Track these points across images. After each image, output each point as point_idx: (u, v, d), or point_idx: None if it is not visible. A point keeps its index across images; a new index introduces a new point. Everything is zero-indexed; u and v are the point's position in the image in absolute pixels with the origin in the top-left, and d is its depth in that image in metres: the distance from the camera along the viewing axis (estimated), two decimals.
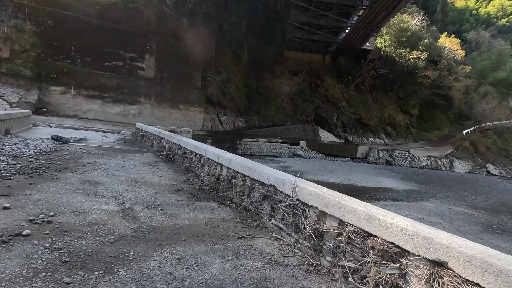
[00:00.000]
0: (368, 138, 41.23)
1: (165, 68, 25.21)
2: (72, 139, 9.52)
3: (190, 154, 7.21)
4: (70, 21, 21.41)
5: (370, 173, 20.77)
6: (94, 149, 8.31)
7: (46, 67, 20.59)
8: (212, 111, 29.07)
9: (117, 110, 22.66)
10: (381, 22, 33.18)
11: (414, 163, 37.46)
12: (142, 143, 12.07)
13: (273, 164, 18.89)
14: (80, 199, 3.93)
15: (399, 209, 10.79)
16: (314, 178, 15.76)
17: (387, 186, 16.83)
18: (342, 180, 16.61)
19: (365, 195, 13.62)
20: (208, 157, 6.18)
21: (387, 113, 43.26)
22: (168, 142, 9.04)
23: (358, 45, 41.21)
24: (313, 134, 36.13)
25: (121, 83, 22.88)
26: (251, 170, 4.59)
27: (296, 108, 37.88)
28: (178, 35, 25.79)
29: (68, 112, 21.19)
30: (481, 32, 68.52)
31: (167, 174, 6.41)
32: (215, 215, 4.16)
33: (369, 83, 42.96)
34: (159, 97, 24.63)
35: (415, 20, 44.30)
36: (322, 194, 3.23)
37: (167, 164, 7.83)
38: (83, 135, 11.25)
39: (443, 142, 45.56)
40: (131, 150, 9.31)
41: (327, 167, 21.01)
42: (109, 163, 6.58)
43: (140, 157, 8.26)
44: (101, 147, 9.08)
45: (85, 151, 7.81)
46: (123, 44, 23.12)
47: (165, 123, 24.45)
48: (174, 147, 8.53)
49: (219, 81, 29.96)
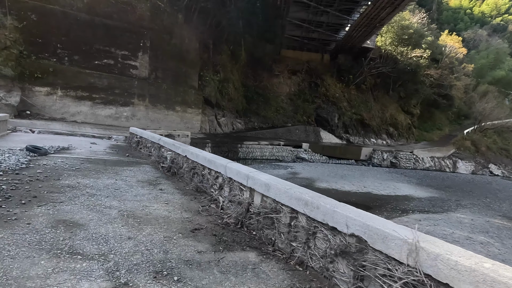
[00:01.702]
0: (370, 139, 40.00)
1: (160, 67, 23.54)
2: (52, 149, 7.88)
3: (202, 170, 5.65)
4: (56, 16, 19.63)
5: (382, 178, 19.41)
6: (79, 163, 6.69)
7: (30, 66, 18.79)
8: (210, 113, 27.47)
9: (108, 113, 20.93)
10: (385, 19, 31.91)
11: (418, 164, 36.36)
12: (138, 151, 10.45)
13: (280, 170, 17.43)
14: (44, 268, 2.35)
15: (436, 226, 9.40)
16: (328, 186, 14.34)
17: (406, 193, 15.46)
18: (358, 188, 15.18)
19: (387, 206, 12.20)
20: (230, 177, 4.63)
21: (389, 113, 42.10)
22: (171, 152, 7.46)
23: (359, 43, 39.93)
24: (315, 136, 34.73)
25: (112, 83, 21.16)
26: (310, 204, 3.07)
27: (297, 108, 36.44)
28: (174, 32, 24.17)
29: (54, 115, 19.41)
30: (479, 31, 67.92)
31: (175, 199, 4.85)
32: (262, 280, 2.62)
33: (370, 83, 41.76)
34: (153, 98, 22.95)
35: (416, 17, 43.19)
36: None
37: (170, 181, 6.26)
38: (68, 143, 9.60)
39: (445, 142, 44.64)
40: (125, 162, 7.70)
41: (337, 172, 19.59)
42: (96, 185, 4.98)
43: (136, 171, 6.67)
44: (88, 158, 7.46)
45: (67, 165, 6.19)
46: (114, 41, 21.40)
47: (160, 126, 22.82)
48: (178, 159, 6.96)
49: (217, 80, 28.37)
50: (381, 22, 32.96)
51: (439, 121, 53.34)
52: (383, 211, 11.37)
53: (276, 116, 34.71)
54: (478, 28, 74.64)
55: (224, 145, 21.80)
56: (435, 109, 51.03)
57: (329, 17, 35.66)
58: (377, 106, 41.79)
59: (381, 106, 42.14)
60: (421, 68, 40.25)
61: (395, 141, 42.45)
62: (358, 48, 41.25)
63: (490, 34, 73.36)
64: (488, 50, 61.86)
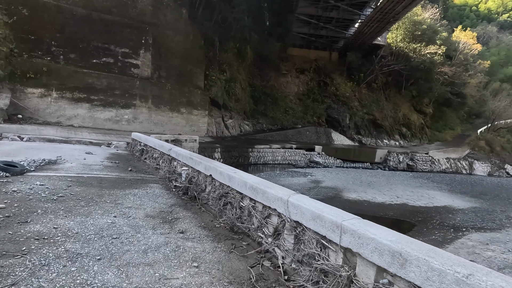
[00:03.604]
0: (383, 140, 38.20)
1: (163, 65, 21.81)
2: (34, 164, 6.13)
3: (240, 200, 3.88)
4: (50, 10, 17.94)
5: (410, 184, 17.63)
6: (65, 186, 4.94)
7: (21, 65, 17.06)
8: (217, 114, 25.70)
9: (108, 116, 19.21)
10: (400, 13, 30.10)
11: (434, 166, 34.60)
12: (142, 162, 8.70)
13: (300, 178, 15.67)
14: None
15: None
16: (359, 198, 12.57)
17: (444, 203, 13.69)
18: (391, 198, 13.40)
19: (432, 221, 10.45)
20: (297, 221, 2.87)
21: (402, 113, 40.28)
22: (187, 168, 5.70)
23: (370, 40, 38.15)
24: (326, 137, 32.93)
25: (112, 84, 19.43)
26: None
27: (306, 109, 34.65)
28: (177, 28, 22.45)
29: (49, 119, 17.70)
30: (488, 27, 66.04)
31: (206, 253, 3.09)
32: None
33: (381, 81, 39.95)
34: (157, 99, 21.21)
35: (428, 13, 41.36)
36: None
37: (191, 211, 4.50)
38: (57, 154, 7.85)
39: (459, 143, 42.86)
40: (128, 181, 5.94)
41: (360, 178, 17.82)
42: (84, 231, 3.23)
43: (143, 196, 4.91)
44: (79, 177, 5.70)
45: (46, 192, 4.44)
46: (114, 38, 19.68)
47: (164, 129, 21.12)
48: (199, 178, 5.19)
49: (224, 80, 26.62)
50: (396, 17, 31.16)
51: (450, 121, 51.51)
52: (431, 229, 9.64)
53: (285, 117, 32.93)
54: (487, 24, 72.74)
55: (234, 149, 20.04)
56: (447, 108, 49.22)
57: (340, 12, 33.89)
58: (389, 106, 39.98)
59: (393, 106, 40.33)
60: (435, 65, 38.38)
61: (408, 142, 40.65)
62: (368, 45, 39.49)
63: (499, 31, 71.48)
64: (499, 47, 59.95)
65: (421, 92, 41.61)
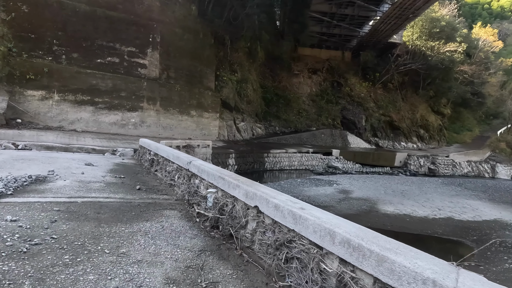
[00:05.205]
0: (400, 142, 36.43)
1: (172, 65, 20.45)
2: (15, 183, 4.70)
3: (320, 259, 2.37)
4: (51, 7, 16.70)
5: (445, 193, 15.98)
6: (48, 221, 3.48)
7: (21, 66, 15.82)
8: (228, 117, 24.26)
9: (113, 119, 17.88)
10: (420, 9, 28.45)
11: (456, 170, 32.78)
12: (152, 174, 7.25)
13: (325, 187, 14.12)
14: None
15: None
16: (397, 211, 11.00)
17: (493, 216, 12.07)
18: (433, 211, 11.80)
19: (489, 240, 8.81)
20: None
21: (419, 114, 38.46)
22: (215, 190, 4.21)
23: (385, 38, 36.52)
24: (342, 140, 31.31)
25: (117, 85, 18.11)
26: None
27: (320, 110, 33.06)
28: (187, 25, 21.12)
29: (50, 123, 16.42)
30: (504, 24, 63.88)
31: None
32: None
33: (398, 81, 38.21)
34: (165, 102, 19.85)
35: (445, 9, 39.56)
36: None
37: (230, 262, 3.03)
38: (49, 168, 6.44)
39: (479, 145, 40.95)
40: (136, 208, 4.47)
41: (390, 186, 16.22)
42: None
43: (157, 238, 3.45)
44: (70, 204, 4.25)
45: (16, 236, 2.99)
46: (119, 36, 18.39)
47: (173, 133, 19.76)
48: (236, 208, 3.69)
49: (235, 81, 25.19)
50: (415, 13, 29.50)
51: (467, 122, 49.51)
52: (496, 253, 8.07)
53: (299, 119, 31.38)
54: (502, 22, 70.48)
55: (249, 155, 18.56)
56: (464, 109, 47.27)
57: (355, 9, 32.35)
58: (406, 107, 38.22)
59: (410, 106, 38.57)
60: (455, 64, 36.53)
61: (426, 144, 38.84)
62: (384, 44, 37.88)
63: None
64: None
65: (439, 92, 39.76)
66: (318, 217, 2.48)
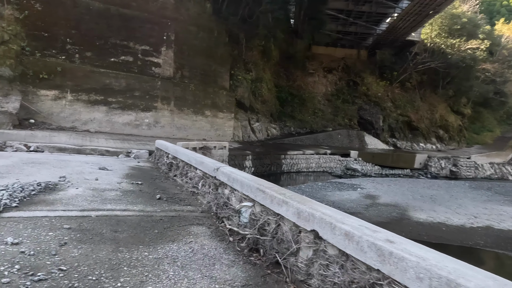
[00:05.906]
0: (419, 143, 35.24)
1: (186, 64, 19.94)
2: (20, 193, 4.13)
3: None
4: (65, 5, 16.38)
5: (476, 198, 15.03)
6: (57, 243, 2.88)
7: (34, 65, 15.51)
8: (243, 117, 23.64)
9: (127, 119, 17.43)
10: (442, 4, 27.33)
11: (478, 172, 31.47)
12: (171, 180, 6.63)
13: (349, 191, 13.36)
14: None
15: None
16: (431, 219, 10.18)
17: None
18: (468, 219, 10.93)
19: None
20: None
21: (438, 114, 37.15)
22: (251, 204, 3.55)
23: (403, 36, 35.37)
24: (359, 141, 30.37)
25: (131, 84, 17.67)
26: None
27: (336, 110, 32.17)
28: (201, 23, 20.58)
29: (63, 124, 16.05)
30: None
31: None
32: None
33: (416, 80, 36.99)
34: (179, 101, 19.34)
35: (466, 5, 38.16)
36: None
37: None
38: (61, 173, 5.88)
39: (501, 146, 39.34)
40: (158, 222, 3.85)
41: (417, 190, 15.34)
42: None
43: (188, 266, 2.82)
44: (83, 219, 3.65)
45: (16, 267, 2.38)
46: (133, 34, 17.96)
47: (187, 134, 19.23)
48: (282, 229, 3.02)
49: (249, 80, 24.56)
50: (436, 9, 28.38)
51: (487, 122, 47.77)
52: None
53: (314, 119, 30.56)
54: None
55: (266, 156, 17.91)
56: (484, 109, 45.59)
57: (372, 6, 31.35)
58: (424, 106, 36.96)
59: (429, 106, 37.29)
60: (476, 62, 35.12)
61: (445, 145, 37.49)
62: (401, 42, 36.70)
63: None
64: None
65: (459, 91, 38.35)
66: (421, 256, 1.79)
